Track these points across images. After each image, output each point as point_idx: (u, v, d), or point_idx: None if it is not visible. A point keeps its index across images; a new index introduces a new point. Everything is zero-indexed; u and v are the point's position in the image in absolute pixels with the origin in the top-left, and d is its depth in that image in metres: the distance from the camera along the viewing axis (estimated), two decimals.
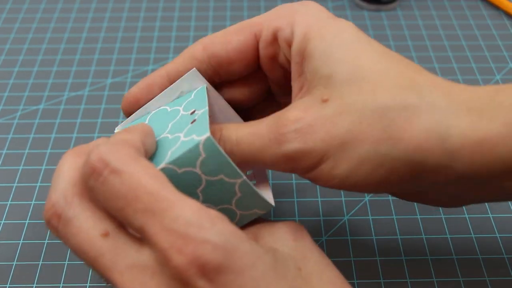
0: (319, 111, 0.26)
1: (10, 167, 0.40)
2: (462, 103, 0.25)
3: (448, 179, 0.25)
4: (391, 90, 0.25)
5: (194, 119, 0.27)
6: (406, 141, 0.24)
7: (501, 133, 0.24)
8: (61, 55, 0.50)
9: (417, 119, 0.25)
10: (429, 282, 0.34)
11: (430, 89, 0.25)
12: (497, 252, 0.35)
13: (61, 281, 0.34)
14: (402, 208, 0.38)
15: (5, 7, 0.56)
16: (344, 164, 0.25)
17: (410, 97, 0.25)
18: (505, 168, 0.24)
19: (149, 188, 0.22)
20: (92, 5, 0.56)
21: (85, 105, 0.45)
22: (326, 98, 0.26)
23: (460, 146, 0.24)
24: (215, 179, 0.25)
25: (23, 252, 0.35)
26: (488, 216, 0.37)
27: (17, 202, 0.38)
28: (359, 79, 0.26)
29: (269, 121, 0.27)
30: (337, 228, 0.36)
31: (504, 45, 0.51)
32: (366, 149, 0.25)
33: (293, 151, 0.26)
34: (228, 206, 0.27)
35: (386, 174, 0.25)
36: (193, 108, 0.28)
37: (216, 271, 0.21)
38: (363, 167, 0.25)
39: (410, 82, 0.26)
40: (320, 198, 0.38)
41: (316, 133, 0.25)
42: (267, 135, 0.27)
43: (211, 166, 0.25)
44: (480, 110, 0.24)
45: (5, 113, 0.45)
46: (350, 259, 0.35)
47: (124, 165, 0.23)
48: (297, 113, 0.26)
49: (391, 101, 0.25)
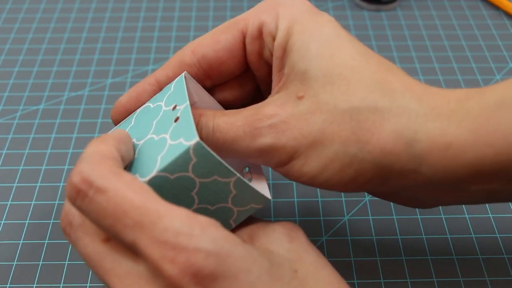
0: (293, 108, 0.26)
1: (10, 167, 0.40)
2: (432, 108, 0.25)
3: (416, 183, 0.25)
4: (363, 91, 0.25)
5: (177, 116, 0.26)
6: (373, 144, 0.25)
7: (468, 139, 0.24)
8: (61, 55, 0.50)
9: (385, 122, 0.25)
10: (429, 282, 0.34)
11: (402, 91, 0.25)
12: (497, 252, 0.35)
13: (61, 281, 0.34)
14: (402, 208, 0.38)
15: (5, 7, 0.56)
16: (314, 162, 0.26)
17: (380, 100, 0.25)
18: (472, 173, 0.24)
19: (135, 203, 0.22)
20: (92, 5, 0.56)
21: (85, 105, 0.45)
22: (301, 95, 0.26)
23: (428, 151, 0.24)
24: (208, 180, 0.25)
25: (23, 252, 0.35)
26: (488, 216, 0.37)
27: (17, 202, 0.38)
28: (333, 76, 0.26)
29: (246, 113, 0.27)
30: (337, 228, 0.36)
31: (504, 45, 0.51)
32: (336, 149, 0.25)
33: (266, 146, 0.26)
34: (224, 204, 0.27)
35: (355, 174, 0.26)
36: (174, 103, 0.27)
37: (210, 278, 0.21)
38: (332, 166, 0.26)
39: (383, 83, 0.26)
40: (320, 198, 0.38)
41: (289, 130, 0.26)
42: (242, 127, 0.27)
43: (203, 168, 0.25)
44: (448, 116, 0.24)
45: (5, 113, 0.44)
46: (350, 259, 0.35)
47: (108, 182, 0.23)
48: (273, 109, 0.27)
49: (361, 103, 0.25)
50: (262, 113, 0.27)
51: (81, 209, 0.23)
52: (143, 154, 0.26)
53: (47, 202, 0.38)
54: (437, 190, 0.26)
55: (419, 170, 0.25)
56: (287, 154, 0.26)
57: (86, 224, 0.25)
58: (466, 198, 0.26)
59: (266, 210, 0.37)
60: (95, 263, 0.24)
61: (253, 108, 0.27)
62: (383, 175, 0.25)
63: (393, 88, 0.26)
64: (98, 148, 0.24)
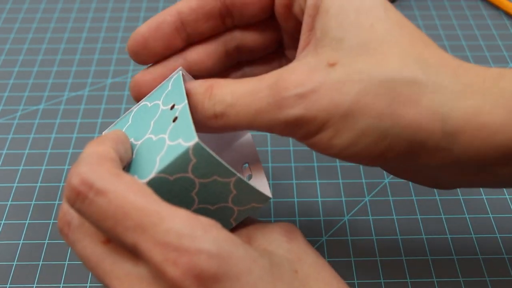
0: (324, 76, 0.24)
1: (10, 167, 0.40)
2: (467, 85, 0.24)
3: (444, 162, 0.25)
4: (400, 63, 0.24)
5: (175, 116, 0.26)
6: (409, 119, 0.24)
7: (502, 120, 0.23)
8: (61, 55, 0.50)
9: (421, 97, 0.24)
10: (429, 282, 0.34)
11: (437, 66, 0.24)
12: (497, 252, 0.35)
13: (61, 281, 0.34)
14: (402, 208, 0.38)
15: (5, 7, 0.56)
16: (345, 134, 0.24)
17: (416, 73, 0.24)
18: (502, 155, 0.24)
19: (136, 204, 0.22)
20: (92, 5, 0.56)
21: (85, 105, 0.45)
22: (334, 62, 0.25)
23: (461, 130, 0.24)
24: (208, 180, 0.25)
25: (23, 252, 0.35)
26: (488, 216, 0.37)
27: (17, 202, 0.38)
28: (370, 47, 0.25)
29: (269, 80, 0.25)
30: (337, 228, 0.36)
31: (504, 45, 0.51)
32: (369, 122, 0.24)
33: (293, 118, 0.25)
34: (225, 204, 0.26)
35: (385, 149, 0.24)
36: (172, 102, 0.26)
37: (212, 279, 0.21)
38: (364, 139, 0.24)
39: (420, 57, 0.25)
40: (320, 198, 0.38)
41: (319, 100, 0.24)
42: (266, 98, 0.25)
43: (203, 169, 0.24)
44: (483, 94, 0.24)
45: (5, 113, 0.45)
46: (350, 259, 0.35)
47: (108, 184, 0.22)
48: (301, 76, 0.25)
49: (398, 74, 0.24)
50: (288, 80, 0.25)
51: (81, 211, 0.23)
52: (141, 155, 0.26)
53: (47, 202, 0.38)
54: (463, 171, 0.25)
55: (450, 148, 0.24)
56: (316, 126, 0.25)
57: (85, 226, 0.24)
58: (491, 181, 0.26)
59: (266, 210, 0.37)
60: (94, 264, 0.24)
61: (277, 74, 0.25)
62: (414, 151, 0.24)
63: (429, 63, 0.25)
64: (97, 149, 0.24)
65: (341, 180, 0.39)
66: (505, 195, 0.38)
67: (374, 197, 0.38)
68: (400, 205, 0.38)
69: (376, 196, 0.38)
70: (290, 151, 0.41)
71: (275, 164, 0.40)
